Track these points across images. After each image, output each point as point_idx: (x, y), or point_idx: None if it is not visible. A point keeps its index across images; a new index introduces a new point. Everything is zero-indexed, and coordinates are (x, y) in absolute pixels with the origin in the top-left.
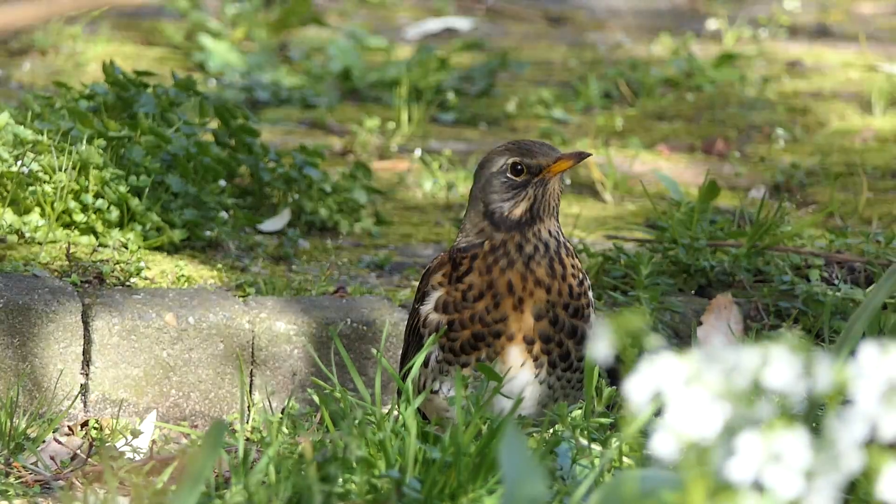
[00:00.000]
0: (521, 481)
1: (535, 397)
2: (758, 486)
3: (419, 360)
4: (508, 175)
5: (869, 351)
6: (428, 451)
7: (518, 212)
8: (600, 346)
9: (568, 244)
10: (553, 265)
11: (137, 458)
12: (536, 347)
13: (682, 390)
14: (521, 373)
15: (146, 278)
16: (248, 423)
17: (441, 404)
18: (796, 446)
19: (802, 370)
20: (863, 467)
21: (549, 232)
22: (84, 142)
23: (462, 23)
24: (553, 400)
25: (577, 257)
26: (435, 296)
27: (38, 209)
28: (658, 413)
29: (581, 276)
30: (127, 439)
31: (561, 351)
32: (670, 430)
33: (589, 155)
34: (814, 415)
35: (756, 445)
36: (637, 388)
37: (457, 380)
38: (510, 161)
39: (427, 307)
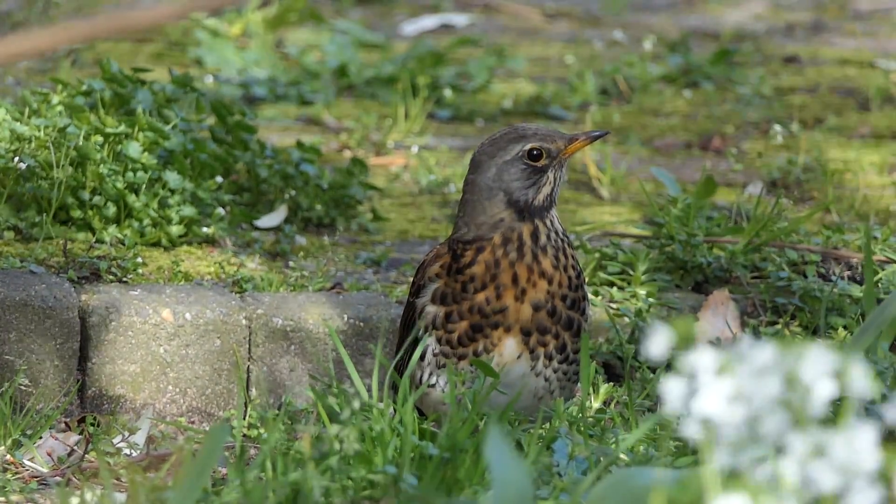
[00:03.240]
0: (509, 480)
1: (532, 390)
2: (769, 482)
3: (417, 353)
4: (527, 161)
5: None
6: (424, 446)
7: (541, 197)
8: (656, 345)
9: (567, 234)
10: (558, 255)
11: (134, 454)
12: (533, 339)
13: (711, 386)
14: (517, 365)
15: (143, 274)
16: (245, 419)
17: (438, 398)
18: (835, 443)
19: (834, 370)
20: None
21: (557, 219)
22: (81, 138)
23: (459, 19)
24: (549, 392)
25: (574, 249)
26: (432, 287)
27: (34, 205)
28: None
29: (579, 268)
30: (124, 436)
31: (557, 343)
32: (695, 424)
33: (606, 133)
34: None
35: (798, 442)
36: (671, 387)
37: (449, 375)
38: (527, 147)
39: (424, 299)
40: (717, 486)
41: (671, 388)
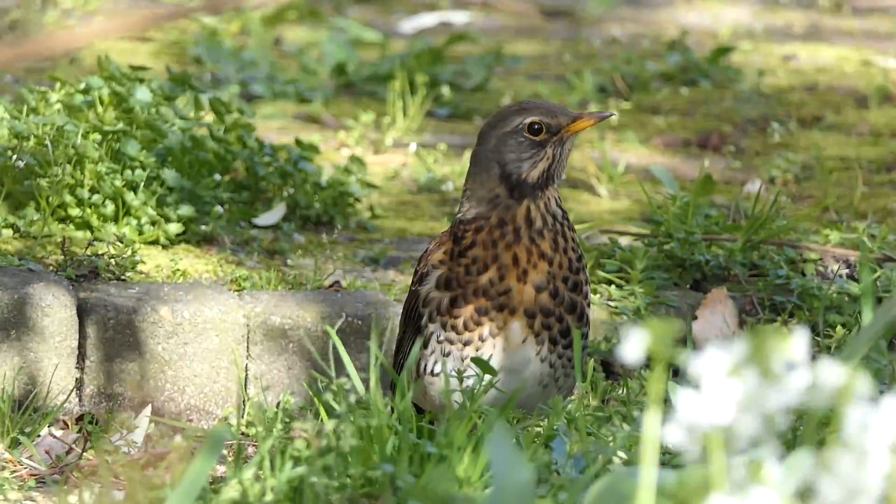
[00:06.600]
0: (509, 475)
1: (536, 376)
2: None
3: (419, 341)
4: (525, 134)
5: None
6: (422, 445)
7: (535, 173)
8: (631, 348)
9: (568, 216)
10: (557, 238)
11: (132, 452)
12: (538, 322)
13: (716, 385)
14: (521, 350)
15: (141, 272)
16: (243, 417)
17: (442, 388)
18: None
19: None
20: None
21: (556, 201)
22: (79, 136)
23: (457, 17)
24: (554, 379)
25: (575, 231)
26: (435, 274)
27: (33, 203)
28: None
29: (579, 251)
30: (122, 434)
31: (561, 326)
32: (683, 424)
33: (611, 115)
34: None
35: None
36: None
37: (445, 372)
38: (528, 120)
39: (427, 286)
40: (721, 485)
41: (685, 397)
